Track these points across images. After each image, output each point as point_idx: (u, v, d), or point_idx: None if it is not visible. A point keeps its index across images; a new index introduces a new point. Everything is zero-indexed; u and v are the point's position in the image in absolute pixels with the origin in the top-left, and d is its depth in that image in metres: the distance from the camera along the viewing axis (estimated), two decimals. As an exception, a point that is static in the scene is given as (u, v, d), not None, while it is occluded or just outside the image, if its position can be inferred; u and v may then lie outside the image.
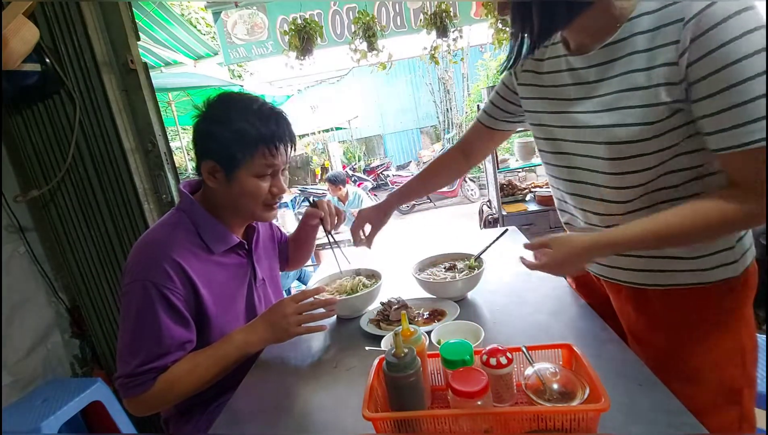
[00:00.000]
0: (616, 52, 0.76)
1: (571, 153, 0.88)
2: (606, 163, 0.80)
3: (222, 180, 1.00)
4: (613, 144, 0.77)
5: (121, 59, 1.70)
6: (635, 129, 0.74)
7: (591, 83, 0.81)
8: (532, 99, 0.96)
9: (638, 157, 0.76)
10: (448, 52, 3.86)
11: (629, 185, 0.80)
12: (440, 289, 1.17)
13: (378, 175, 9.51)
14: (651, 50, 0.71)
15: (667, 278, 0.83)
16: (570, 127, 0.86)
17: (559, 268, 0.83)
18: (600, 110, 0.79)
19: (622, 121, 0.75)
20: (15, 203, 1.82)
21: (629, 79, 0.74)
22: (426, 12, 3.42)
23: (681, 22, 0.66)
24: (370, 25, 3.41)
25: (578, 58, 0.82)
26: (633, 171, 0.78)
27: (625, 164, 0.78)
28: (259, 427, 0.83)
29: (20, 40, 1.42)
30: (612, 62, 0.77)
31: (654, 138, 0.73)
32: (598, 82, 0.79)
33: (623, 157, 0.77)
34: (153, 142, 1.78)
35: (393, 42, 3.80)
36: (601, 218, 0.87)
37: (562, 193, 0.96)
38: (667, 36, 0.68)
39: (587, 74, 0.81)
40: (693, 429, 0.63)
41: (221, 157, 0.98)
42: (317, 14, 3.77)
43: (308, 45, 3.42)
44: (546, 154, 0.96)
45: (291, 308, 1.01)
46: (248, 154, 0.97)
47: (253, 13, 3.89)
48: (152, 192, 1.82)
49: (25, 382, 1.80)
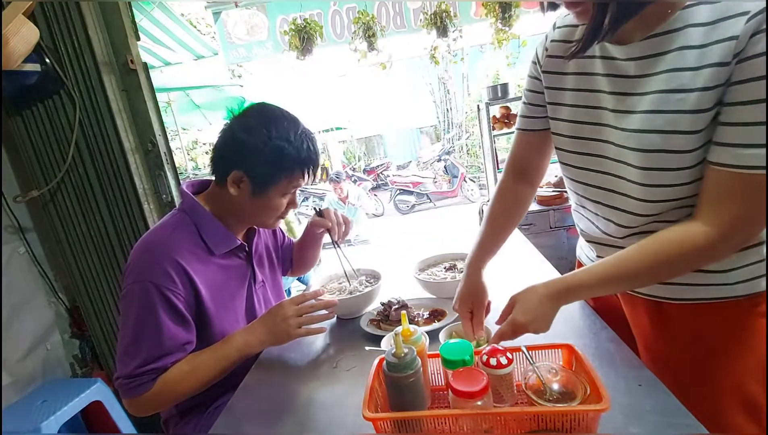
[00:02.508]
0: (664, 45, 0.65)
1: (596, 154, 0.78)
2: (636, 172, 0.71)
3: (246, 191, 0.99)
4: (647, 151, 0.68)
5: (121, 59, 1.70)
6: (675, 137, 0.65)
7: (630, 78, 0.70)
8: (555, 89, 0.85)
9: (674, 171, 0.67)
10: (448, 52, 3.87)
11: (659, 199, 0.71)
12: (440, 289, 1.17)
13: (378, 175, 9.52)
14: (705, 46, 0.61)
15: (689, 292, 0.76)
16: (598, 124, 0.76)
17: (529, 323, 0.75)
18: (636, 111, 0.69)
19: (661, 126, 0.66)
20: (15, 203, 1.82)
21: (676, 78, 0.64)
22: (426, 12, 3.42)
23: (745, 15, 0.57)
24: (370, 25, 3.41)
25: (617, 47, 0.71)
26: (666, 185, 0.69)
27: (657, 176, 0.69)
28: (259, 427, 0.83)
29: (20, 40, 1.42)
30: (658, 56, 0.66)
31: (695, 150, 0.64)
32: (638, 78, 0.69)
33: (656, 168, 0.68)
34: (153, 142, 1.78)
35: (393, 42, 3.81)
36: (620, 230, 0.79)
37: (580, 197, 0.87)
38: (726, 30, 0.58)
39: (626, 67, 0.70)
40: (694, 430, 0.63)
41: (254, 172, 0.97)
42: (317, 14, 3.78)
43: (308, 45, 3.42)
44: (564, 153, 0.86)
45: (291, 310, 1.01)
46: (284, 176, 0.99)
47: (253, 13, 3.89)
48: (152, 192, 1.82)
49: (25, 383, 1.80)
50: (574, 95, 0.81)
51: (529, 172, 1.00)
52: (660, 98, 0.66)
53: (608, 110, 0.74)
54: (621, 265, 0.71)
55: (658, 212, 0.73)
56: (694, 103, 0.62)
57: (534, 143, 0.97)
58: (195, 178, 1.14)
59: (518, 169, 1.00)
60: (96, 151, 1.72)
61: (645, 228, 0.76)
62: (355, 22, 3.46)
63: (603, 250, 0.88)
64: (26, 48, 1.46)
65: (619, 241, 0.81)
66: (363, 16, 3.41)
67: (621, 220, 0.78)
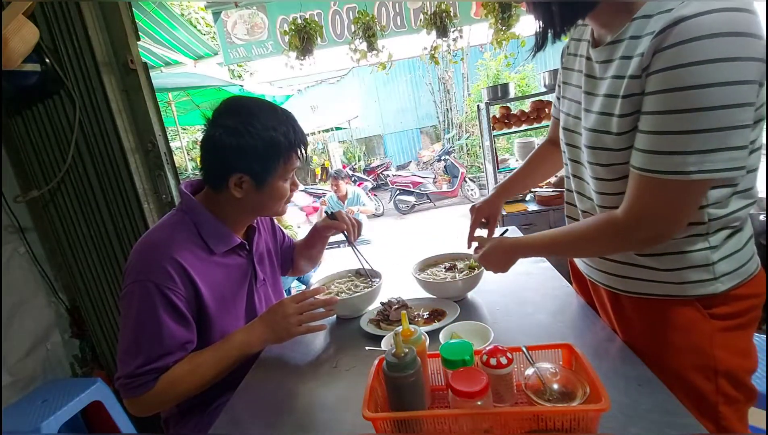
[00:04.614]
0: (614, 52, 0.73)
1: (573, 145, 0.88)
2: (591, 167, 0.81)
3: (250, 188, 1.00)
4: (593, 149, 0.78)
5: (121, 59, 1.70)
6: (610, 138, 0.73)
7: (596, 79, 0.78)
8: (564, 84, 0.93)
9: (616, 166, 0.75)
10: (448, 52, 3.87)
11: (607, 192, 0.80)
12: (440, 289, 1.17)
13: (378, 175, 9.51)
14: (629, 58, 0.69)
15: (640, 286, 0.82)
16: (576, 118, 0.85)
17: (486, 264, 1.01)
18: (591, 111, 0.78)
19: (601, 126, 0.75)
20: (15, 203, 1.82)
21: (614, 84, 0.72)
22: (426, 12, 3.42)
23: (651, 35, 0.64)
24: (370, 25, 3.41)
25: (594, 50, 0.79)
26: (606, 179, 0.78)
27: (604, 171, 0.78)
28: (259, 427, 0.83)
29: (20, 40, 1.42)
30: (609, 63, 0.74)
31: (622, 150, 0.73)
32: (599, 79, 0.77)
33: (602, 164, 0.77)
34: (153, 142, 1.78)
35: (393, 42, 3.80)
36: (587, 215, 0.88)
37: (570, 189, 0.96)
38: (639, 46, 0.67)
39: (595, 68, 0.79)
40: (693, 430, 0.63)
41: (253, 169, 0.98)
42: (317, 14, 3.77)
43: (308, 45, 3.41)
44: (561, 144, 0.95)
45: (291, 308, 1.01)
46: (281, 163, 1.00)
47: (253, 13, 3.89)
48: (152, 192, 1.82)
49: (25, 383, 1.80)
50: (569, 90, 0.89)
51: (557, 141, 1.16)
52: (604, 101, 0.74)
53: (582, 108, 0.83)
54: (560, 234, 0.86)
55: (612, 205, 0.78)
56: (620, 107, 0.71)
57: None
58: (194, 178, 1.14)
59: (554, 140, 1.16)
60: (96, 151, 1.72)
61: None
62: (355, 22, 3.45)
63: None
64: (26, 48, 1.46)
65: None
66: (363, 16, 3.41)
67: (587, 209, 0.88)
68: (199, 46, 4.27)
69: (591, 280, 0.96)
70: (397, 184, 7.91)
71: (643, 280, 0.81)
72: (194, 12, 6.08)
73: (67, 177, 1.77)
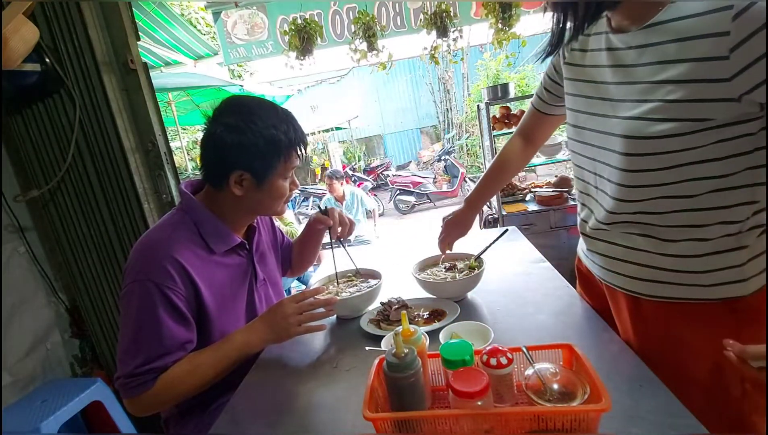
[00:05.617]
0: (655, 36, 0.67)
1: (591, 144, 0.83)
2: (621, 159, 0.75)
3: (250, 186, 1.01)
4: (631, 138, 0.72)
5: (121, 59, 1.70)
6: (659, 125, 0.67)
7: (627, 67, 0.73)
8: (573, 80, 0.89)
9: (655, 156, 0.70)
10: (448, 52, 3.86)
11: (641, 184, 0.74)
12: (440, 289, 1.17)
13: (378, 175, 9.51)
14: (694, 39, 0.62)
15: (665, 290, 0.78)
16: (596, 115, 0.81)
17: None
18: (627, 100, 0.73)
19: (646, 114, 0.69)
20: (15, 203, 1.82)
21: (664, 68, 0.66)
22: (426, 12, 3.42)
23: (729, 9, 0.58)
24: (370, 25, 3.41)
25: (618, 37, 0.74)
26: (647, 169, 0.72)
27: (640, 161, 0.72)
28: (259, 427, 0.83)
29: (20, 39, 1.42)
30: (649, 46, 0.69)
31: (677, 136, 0.67)
32: (633, 66, 0.72)
33: (639, 154, 0.72)
34: (153, 142, 1.78)
35: (393, 42, 3.80)
36: (609, 216, 0.83)
37: (579, 181, 0.93)
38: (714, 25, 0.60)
39: (625, 56, 0.73)
40: (694, 430, 0.63)
41: (254, 167, 0.98)
42: (317, 14, 3.77)
43: (308, 45, 3.41)
44: (572, 142, 0.92)
45: (291, 308, 1.01)
46: (281, 161, 1.00)
47: (253, 13, 3.89)
48: (152, 192, 1.82)
49: (25, 383, 1.80)
50: (585, 85, 0.85)
51: (534, 138, 1.23)
52: (647, 88, 0.70)
53: (608, 100, 0.78)
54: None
55: (641, 199, 0.76)
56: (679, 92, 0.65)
57: (540, 122, 1.16)
58: (195, 178, 1.14)
59: (525, 134, 1.22)
60: (96, 150, 1.72)
61: (630, 218, 0.79)
62: (355, 22, 3.45)
63: (593, 244, 0.91)
64: (26, 48, 1.46)
65: (607, 230, 0.85)
66: (363, 16, 3.41)
67: (611, 206, 0.82)
68: (199, 46, 4.27)
69: (608, 285, 0.90)
70: (397, 184, 7.91)
71: (670, 283, 0.78)
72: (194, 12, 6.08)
73: (67, 176, 1.77)
